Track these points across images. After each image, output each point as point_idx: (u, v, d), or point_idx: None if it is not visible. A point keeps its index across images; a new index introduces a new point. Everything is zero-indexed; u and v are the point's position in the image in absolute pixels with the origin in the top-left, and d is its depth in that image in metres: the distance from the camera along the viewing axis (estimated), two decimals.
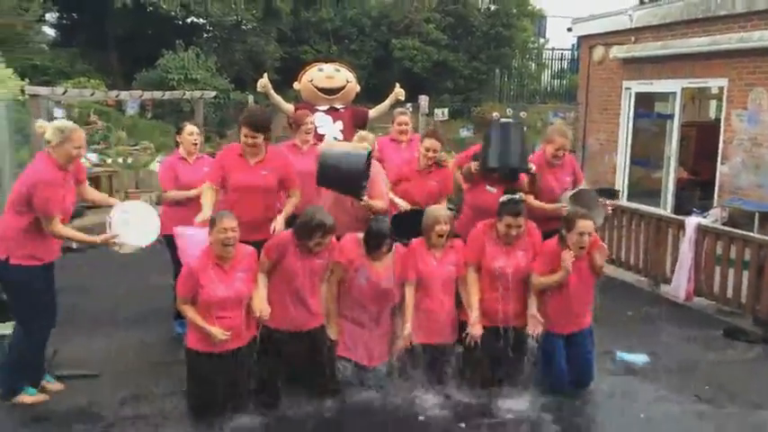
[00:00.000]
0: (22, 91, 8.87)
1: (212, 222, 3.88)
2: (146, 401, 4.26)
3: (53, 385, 4.38)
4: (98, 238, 4.12)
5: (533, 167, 4.86)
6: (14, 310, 4.20)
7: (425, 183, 5.01)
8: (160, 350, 4.99)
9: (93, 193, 4.61)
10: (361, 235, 4.34)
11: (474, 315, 4.38)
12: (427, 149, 4.97)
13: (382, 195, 4.65)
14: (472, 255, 4.47)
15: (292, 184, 4.56)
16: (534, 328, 4.36)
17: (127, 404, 4.25)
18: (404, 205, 4.87)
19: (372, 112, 6.35)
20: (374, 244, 4.28)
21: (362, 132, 5.27)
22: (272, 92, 6.07)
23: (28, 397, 4.18)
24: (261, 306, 3.99)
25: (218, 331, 3.83)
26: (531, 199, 4.83)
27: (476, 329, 4.35)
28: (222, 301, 3.85)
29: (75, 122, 4.77)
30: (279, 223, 4.33)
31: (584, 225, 4.25)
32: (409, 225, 4.59)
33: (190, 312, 3.89)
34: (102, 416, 4.10)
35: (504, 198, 4.47)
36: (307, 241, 4.05)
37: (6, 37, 14.65)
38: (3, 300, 4.95)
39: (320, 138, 5.79)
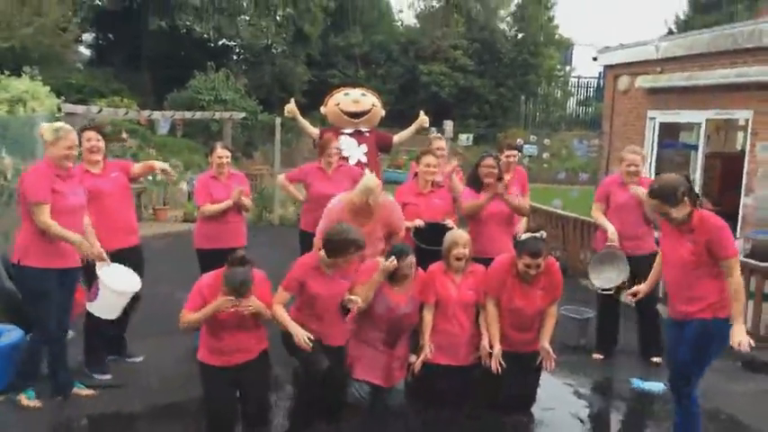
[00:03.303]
0: (59, 109, 9.18)
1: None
2: (166, 415, 4.36)
3: (85, 391, 4.50)
4: (92, 250, 4.18)
5: None
6: (28, 312, 4.36)
7: (429, 201, 5.17)
8: (184, 363, 5.08)
9: (137, 168, 5.06)
10: (380, 259, 4.39)
11: (494, 346, 4.33)
12: (427, 165, 5.12)
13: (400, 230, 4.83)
14: (492, 289, 4.44)
15: None
16: (547, 362, 4.35)
17: (149, 415, 4.35)
18: (418, 223, 5.01)
19: (396, 138, 6.50)
20: (397, 260, 4.31)
21: (368, 179, 4.85)
22: (298, 116, 6.27)
23: (24, 398, 4.29)
24: (299, 334, 3.94)
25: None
26: None
27: (495, 351, 4.32)
28: (230, 319, 3.85)
29: (107, 139, 5.02)
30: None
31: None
32: (431, 236, 4.74)
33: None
34: (122, 424, 4.20)
35: (524, 236, 4.37)
36: (337, 258, 4.10)
37: (45, 56, 15.13)
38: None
39: (345, 159, 5.95)
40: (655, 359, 5.54)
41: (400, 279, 4.39)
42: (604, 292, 5.38)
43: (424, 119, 6.42)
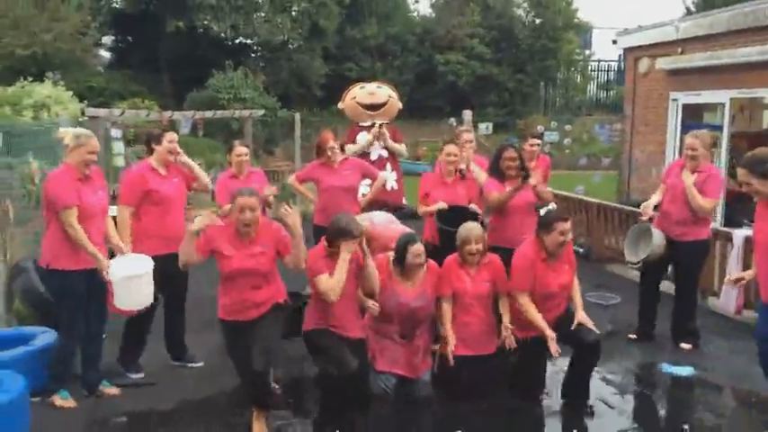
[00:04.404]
0: (82, 112, 9.32)
1: (233, 199, 3.93)
2: (197, 410, 4.43)
3: (110, 390, 4.60)
4: (103, 265, 4.24)
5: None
6: (58, 314, 4.46)
7: (453, 190, 5.19)
8: (212, 359, 5.15)
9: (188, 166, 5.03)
10: (390, 254, 4.39)
11: (547, 334, 4.25)
12: (448, 154, 5.18)
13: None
14: (523, 284, 4.35)
15: None
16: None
17: (180, 411, 4.42)
18: (441, 205, 5.04)
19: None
20: (401, 254, 4.33)
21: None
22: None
23: (58, 399, 4.38)
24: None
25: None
26: None
27: (551, 346, 4.24)
28: (241, 273, 3.90)
29: (130, 141, 5.07)
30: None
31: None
32: (454, 219, 4.77)
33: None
34: (154, 423, 4.28)
35: (543, 211, 4.46)
36: (335, 248, 4.07)
37: (66, 61, 15.33)
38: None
39: (366, 155, 5.98)
40: (685, 345, 5.50)
41: (410, 271, 4.39)
42: (633, 267, 5.38)
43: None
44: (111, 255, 4.48)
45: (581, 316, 4.39)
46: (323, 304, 4.11)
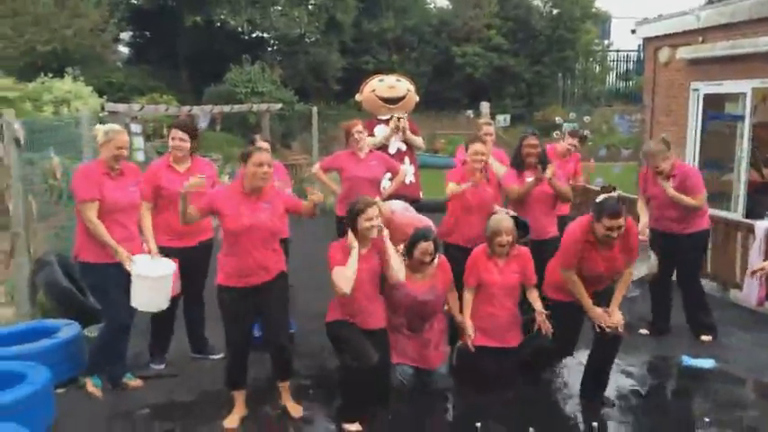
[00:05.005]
0: (102, 108, 9.40)
1: (246, 156, 3.97)
2: (216, 402, 4.48)
3: (134, 382, 4.67)
4: (123, 254, 4.27)
5: None
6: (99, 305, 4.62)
7: (481, 191, 4.98)
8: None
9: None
10: (400, 248, 4.37)
11: (590, 312, 4.23)
12: (475, 153, 4.94)
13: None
14: (568, 262, 4.20)
15: None
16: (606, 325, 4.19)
17: (201, 403, 4.48)
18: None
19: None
20: (411, 248, 4.31)
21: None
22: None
23: (90, 384, 4.52)
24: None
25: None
26: None
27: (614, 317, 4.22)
28: (248, 229, 3.92)
29: (150, 136, 5.10)
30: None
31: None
32: None
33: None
34: (176, 414, 4.34)
35: (600, 197, 4.06)
36: (356, 230, 4.06)
37: (86, 56, 15.47)
38: (88, 305, 5.34)
39: (384, 148, 5.98)
40: (704, 337, 5.46)
41: (418, 266, 4.38)
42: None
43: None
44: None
45: (615, 310, 4.24)
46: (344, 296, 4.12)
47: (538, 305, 4.46)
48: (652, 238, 5.48)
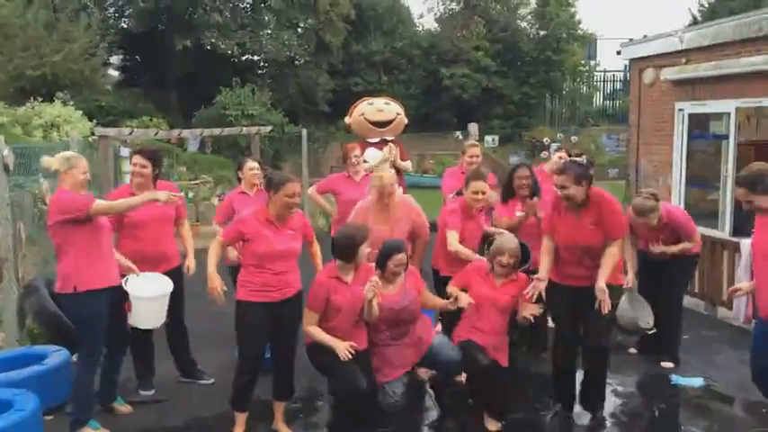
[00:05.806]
0: (92, 132, 9.43)
1: (278, 186, 4.07)
2: (205, 427, 4.44)
3: (123, 407, 4.63)
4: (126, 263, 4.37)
5: None
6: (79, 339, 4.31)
7: (478, 225, 4.92)
8: (222, 376, 5.16)
9: (184, 234, 5.05)
10: (371, 265, 4.32)
11: (542, 275, 4.25)
12: (476, 192, 4.73)
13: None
14: (545, 228, 4.42)
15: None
16: (603, 304, 4.06)
17: (189, 429, 4.44)
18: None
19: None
20: (383, 259, 4.26)
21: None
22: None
23: (90, 430, 4.25)
24: (341, 348, 3.99)
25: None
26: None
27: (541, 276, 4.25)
28: (275, 254, 4.08)
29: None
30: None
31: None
32: None
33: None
34: None
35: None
36: (345, 259, 4.13)
37: (75, 81, 15.52)
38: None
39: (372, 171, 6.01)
40: (664, 364, 5.40)
41: (391, 277, 4.32)
42: (650, 330, 5.28)
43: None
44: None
45: (600, 283, 4.03)
46: (326, 323, 4.12)
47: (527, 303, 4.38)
48: (641, 261, 5.42)
